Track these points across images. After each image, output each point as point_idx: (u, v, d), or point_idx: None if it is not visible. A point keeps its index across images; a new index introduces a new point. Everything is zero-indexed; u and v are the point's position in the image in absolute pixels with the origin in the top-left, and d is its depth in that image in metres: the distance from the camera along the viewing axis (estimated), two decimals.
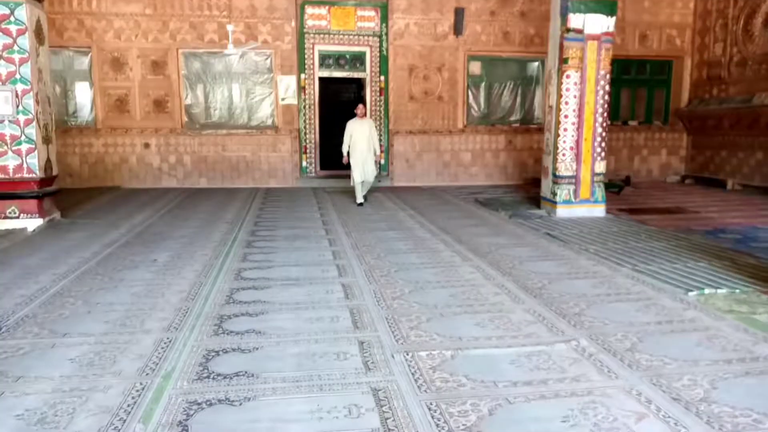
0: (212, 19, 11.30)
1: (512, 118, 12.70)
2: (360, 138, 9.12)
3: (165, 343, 3.60)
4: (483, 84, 12.50)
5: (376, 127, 9.36)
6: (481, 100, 12.56)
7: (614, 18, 8.13)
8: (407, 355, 3.40)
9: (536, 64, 12.65)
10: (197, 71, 11.71)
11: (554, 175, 8.44)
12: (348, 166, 9.33)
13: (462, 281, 4.98)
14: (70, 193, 10.49)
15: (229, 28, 9.82)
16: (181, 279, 5.01)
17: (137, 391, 2.96)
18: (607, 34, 8.14)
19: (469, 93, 12.41)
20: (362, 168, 9.18)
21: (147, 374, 3.16)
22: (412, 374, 3.15)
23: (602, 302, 4.44)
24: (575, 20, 8.07)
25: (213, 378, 3.11)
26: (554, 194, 8.44)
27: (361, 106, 9.42)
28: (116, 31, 11.21)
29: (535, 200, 9.60)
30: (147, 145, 11.56)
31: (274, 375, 3.14)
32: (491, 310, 4.22)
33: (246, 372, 3.18)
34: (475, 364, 3.28)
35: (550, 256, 5.92)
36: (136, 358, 3.37)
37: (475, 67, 12.41)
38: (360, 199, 9.29)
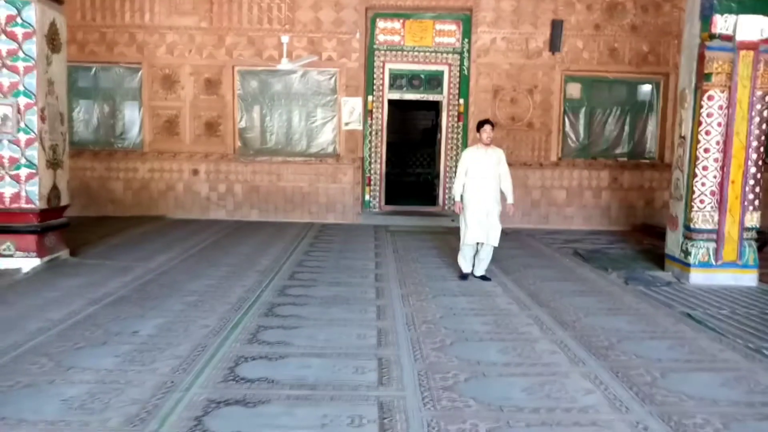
0: (272, 34, 10.04)
1: (618, 151, 10.57)
2: (484, 175, 5.89)
3: None
4: (583, 109, 10.49)
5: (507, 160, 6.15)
6: (580, 128, 10.53)
7: None
8: None
9: (649, 87, 10.52)
10: (254, 91, 10.46)
11: (687, 227, 6.33)
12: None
13: (574, 408, 3.09)
14: (107, 222, 9.47)
15: (284, 39, 8.50)
16: (148, 375, 3.41)
17: None
18: (767, 41, 6.04)
19: (566, 120, 10.44)
20: (484, 222, 5.88)
21: None
22: None
23: None
24: (723, 23, 6.03)
25: None
26: (686, 253, 6.33)
27: (488, 126, 5.93)
28: (169, 46, 10.19)
29: (652, 255, 7.50)
30: (195, 172, 10.38)
31: None
32: None
33: None
34: None
35: (704, 361, 3.89)
36: None
37: (574, 90, 10.44)
38: (467, 268, 6.09)
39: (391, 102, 10.66)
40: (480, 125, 5.98)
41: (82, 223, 9.26)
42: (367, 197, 10.61)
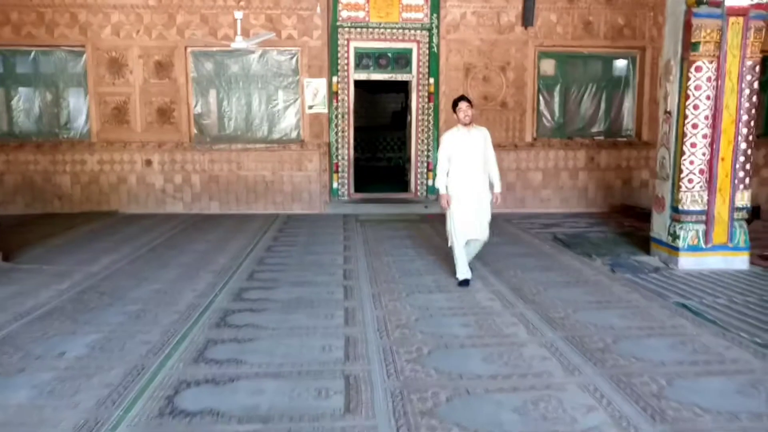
0: (227, 11, 9.30)
1: (594, 130, 10.16)
2: (469, 161, 5.09)
3: None
4: (558, 87, 10.04)
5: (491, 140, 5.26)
6: (555, 106, 10.09)
7: None
8: None
9: (625, 62, 10.12)
10: (209, 74, 9.74)
11: (674, 209, 5.94)
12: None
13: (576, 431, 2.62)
14: (53, 220, 8.73)
15: (237, 15, 7.77)
16: (67, 411, 2.83)
17: None
18: (758, 6, 5.62)
19: (540, 98, 9.98)
20: (474, 216, 5.12)
21: None
22: None
23: None
24: None
25: None
26: (674, 236, 5.94)
27: (463, 104, 5.06)
28: (114, 27, 9.37)
29: (635, 238, 7.14)
30: (149, 163, 9.64)
31: None
32: None
33: None
34: None
35: (712, 362, 3.47)
36: None
37: (548, 66, 9.98)
38: (465, 273, 5.15)
39: (358, 83, 10.05)
40: (455, 103, 5.17)
41: (24, 222, 8.55)
42: (335, 185, 10.02)
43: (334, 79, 9.76)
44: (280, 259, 6.26)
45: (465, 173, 5.09)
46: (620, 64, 10.18)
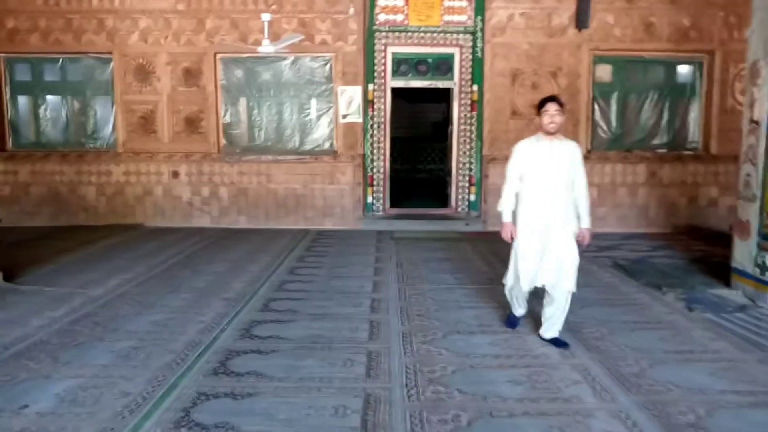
0: (257, 15, 8.74)
1: (656, 142, 9.19)
2: (549, 182, 3.85)
3: None
4: (615, 94, 9.12)
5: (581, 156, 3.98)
6: (612, 116, 9.17)
7: None
8: None
9: (691, 67, 9.13)
10: (239, 81, 9.24)
11: (763, 236, 5.01)
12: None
13: None
14: (77, 233, 8.35)
15: (265, 18, 7.22)
16: None
17: None
18: None
19: (596, 107, 9.08)
20: (548, 256, 3.84)
21: None
22: None
23: None
24: None
25: None
26: (762, 268, 5.01)
27: (551, 106, 3.78)
28: (142, 33, 8.99)
29: (708, 266, 6.24)
30: (176, 174, 9.19)
31: None
32: None
33: None
34: None
35: None
36: None
37: (605, 72, 9.08)
38: (520, 309, 4.25)
39: (395, 91, 9.38)
40: (541, 104, 3.84)
41: (46, 235, 8.19)
42: (369, 199, 9.35)
43: (370, 86, 9.12)
44: (302, 284, 5.60)
45: (541, 198, 3.87)
46: (685, 69, 9.19)
